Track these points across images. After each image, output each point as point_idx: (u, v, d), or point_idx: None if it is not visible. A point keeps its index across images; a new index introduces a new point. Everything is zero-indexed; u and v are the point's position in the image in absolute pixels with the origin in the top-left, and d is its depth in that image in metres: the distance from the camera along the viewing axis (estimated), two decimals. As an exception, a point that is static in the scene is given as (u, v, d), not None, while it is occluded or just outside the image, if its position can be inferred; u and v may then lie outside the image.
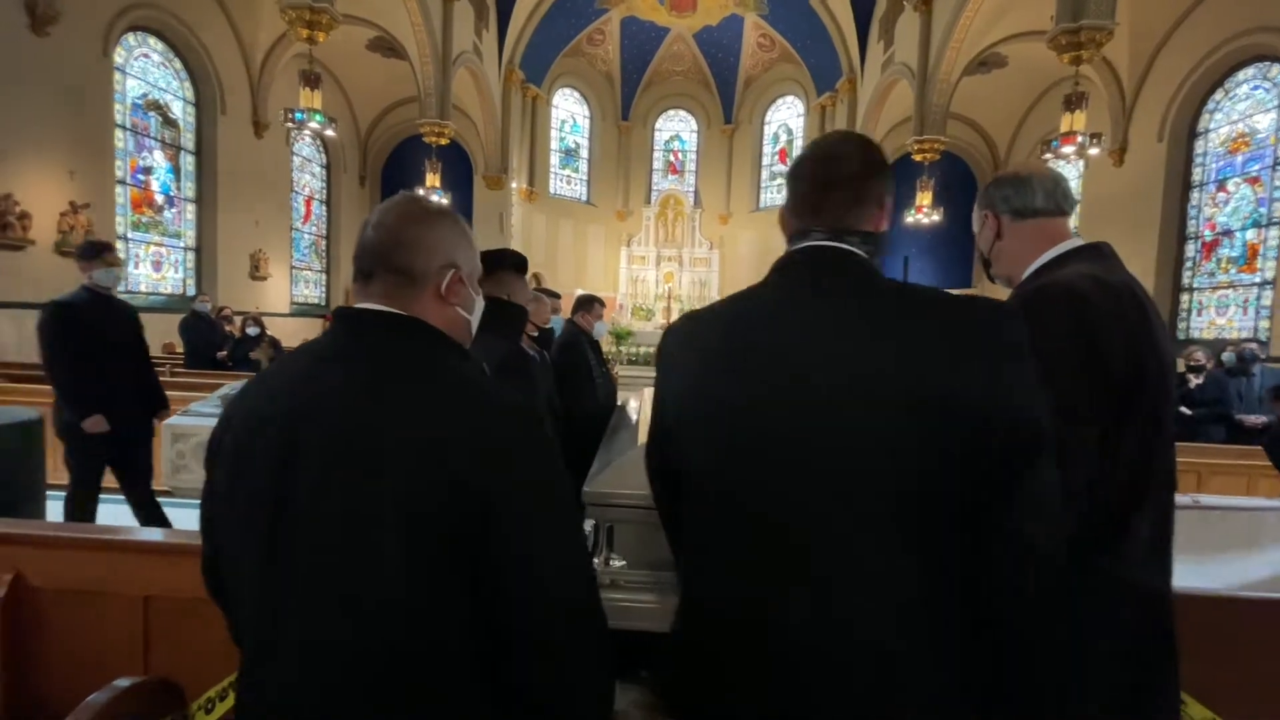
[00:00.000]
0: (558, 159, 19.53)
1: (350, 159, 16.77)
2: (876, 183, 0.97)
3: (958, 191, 16.29)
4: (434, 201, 0.99)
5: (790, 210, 1.02)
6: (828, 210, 0.97)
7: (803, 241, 0.97)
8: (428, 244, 0.90)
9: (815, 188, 0.98)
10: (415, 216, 0.90)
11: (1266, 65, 9.97)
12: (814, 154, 1.01)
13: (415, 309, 0.89)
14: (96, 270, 3.48)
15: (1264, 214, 10.00)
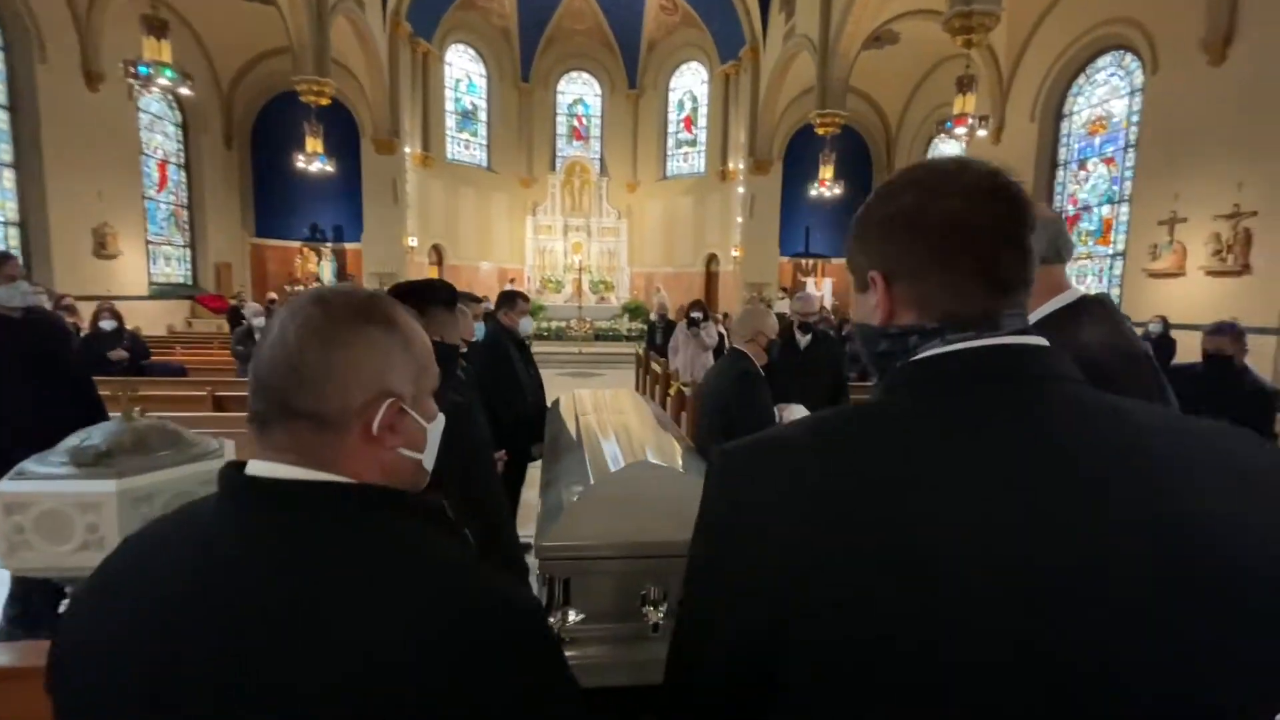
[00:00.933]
0: (454, 121, 18.30)
1: (212, 117, 14.78)
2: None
3: (855, 165, 16.96)
4: (356, 294, 0.68)
5: (910, 274, 0.64)
6: (1014, 285, 0.62)
7: (979, 338, 0.61)
8: (343, 372, 0.63)
9: (996, 244, 0.61)
10: (322, 332, 0.63)
11: (1121, 54, 10.98)
12: (973, 183, 0.62)
13: (339, 464, 0.63)
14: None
15: (1117, 191, 11.16)
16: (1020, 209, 0.61)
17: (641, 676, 1.89)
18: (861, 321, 0.71)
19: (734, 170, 17.57)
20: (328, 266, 16.12)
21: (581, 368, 12.92)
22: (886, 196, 0.67)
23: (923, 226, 0.62)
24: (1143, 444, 0.55)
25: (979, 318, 0.61)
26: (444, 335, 1.74)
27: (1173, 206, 9.58)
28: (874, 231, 0.67)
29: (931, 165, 0.66)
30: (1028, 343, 0.61)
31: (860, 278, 0.70)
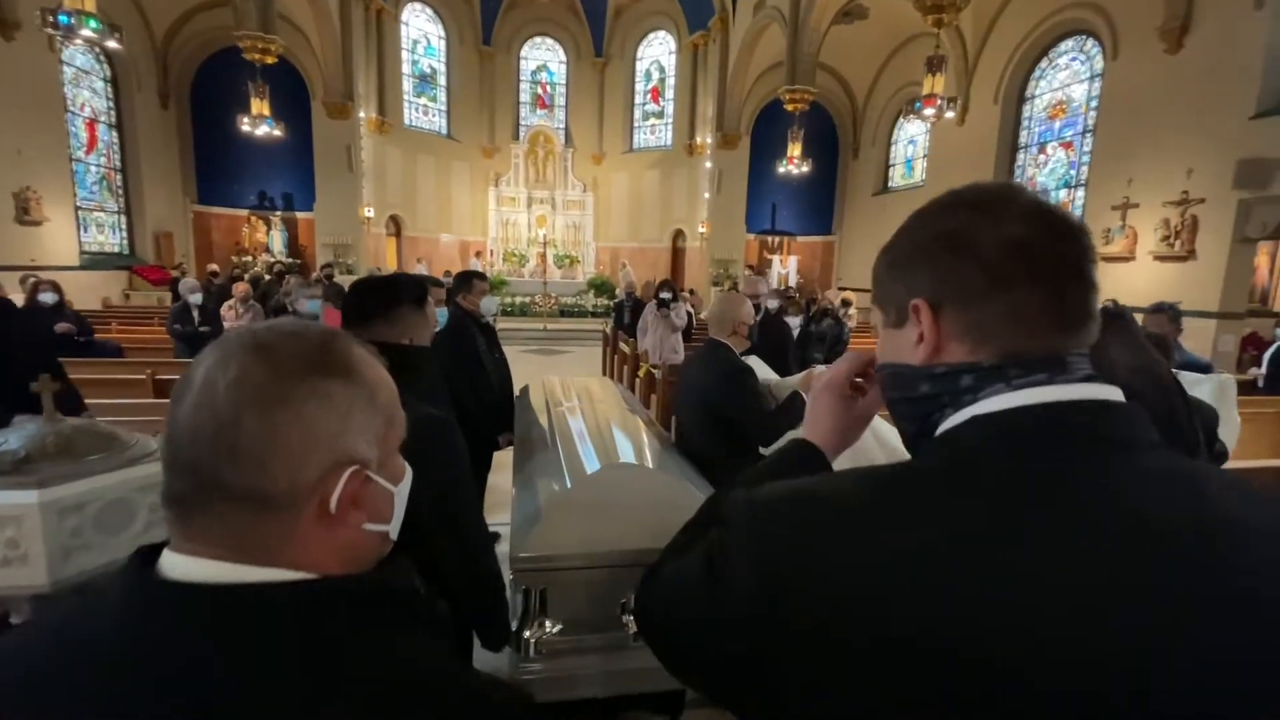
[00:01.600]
0: (411, 85, 17.49)
1: (146, 74, 13.73)
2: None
3: (821, 142, 16.95)
4: (306, 337, 0.54)
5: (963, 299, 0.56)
6: (1081, 322, 0.55)
7: (1050, 383, 0.54)
8: (294, 442, 0.50)
9: (1062, 273, 0.54)
10: (265, 392, 0.49)
11: (1083, 39, 11.13)
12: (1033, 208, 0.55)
13: (285, 553, 0.51)
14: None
15: (1074, 176, 11.42)
16: (1086, 239, 0.56)
17: (622, 686, 1.84)
18: (894, 362, 0.62)
19: (701, 145, 17.35)
20: (278, 236, 15.36)
21: (547, 344, 12.72)
22: (931, 216, 0.60)
23: (980, 246, 0.55)
24: (1222, 518, 0.50)
25: (1046, 357, 0.54)
26: (414, 337, 1.59)
27: (1126, 192, 9.86)
28: (917, 254, 0.59)
29: (980, 187, 0.59)
30: (1108, 399, 0.54)
31: (894, 310, 0.61)
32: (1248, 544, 0.49)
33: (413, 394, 1.48)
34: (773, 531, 0.55)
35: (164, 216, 14.36)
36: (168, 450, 0.50)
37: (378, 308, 1.56)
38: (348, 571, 0.54)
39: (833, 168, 18.22)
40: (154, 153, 13.98)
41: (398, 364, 1.56)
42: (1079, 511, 0.49)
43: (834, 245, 18.89)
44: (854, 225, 18.27)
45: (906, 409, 0.63)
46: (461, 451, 1.46)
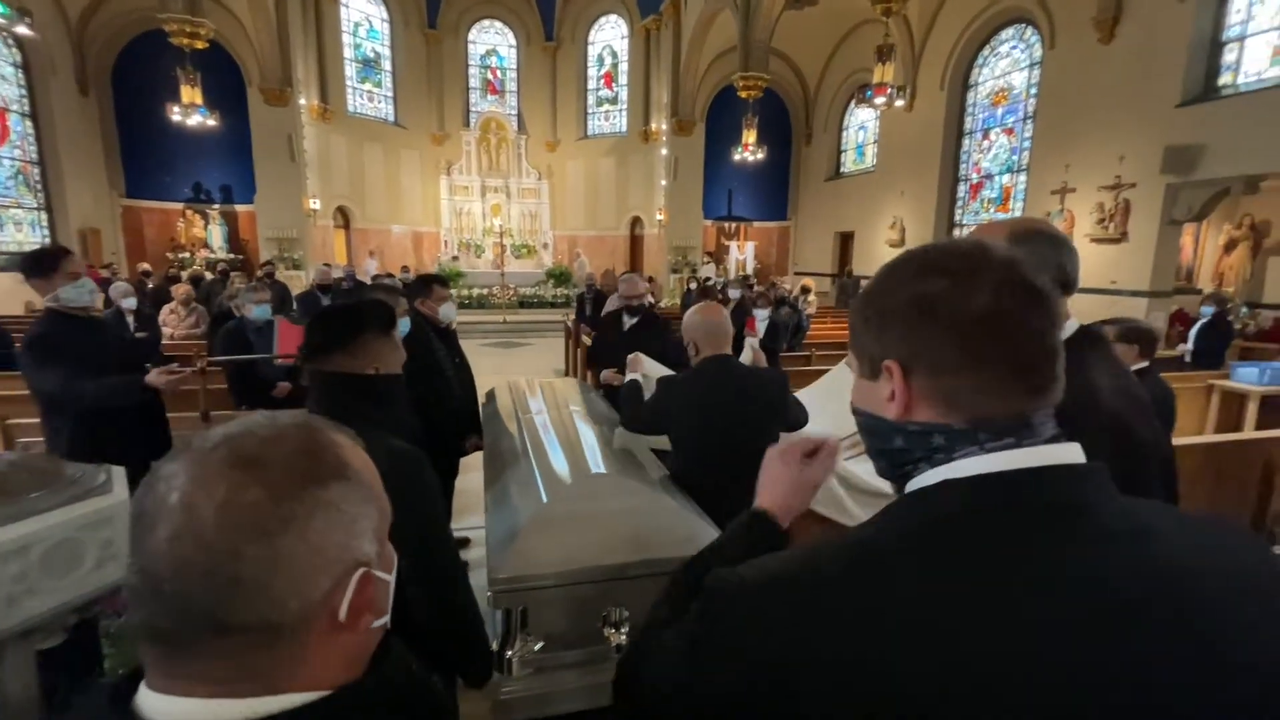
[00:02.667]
0: (354, 70, 16.79)
1: (60, 58, 12.77)
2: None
3: (775, 127, 17.09)
4: (291, 440, 0.51)
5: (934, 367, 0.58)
6: (1046, 387, 0.58)
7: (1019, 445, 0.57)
8: (303, 562, 0.47)
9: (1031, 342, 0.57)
10: (265, 517, 0.46)
11: (1023, 27, 11.50)
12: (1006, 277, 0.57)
13: (295, 676, 0.48)
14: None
15: (1016, 161, 11.85)
16: (1052, 307, 0.58)
17: (605, 699, 1.85)
18: (869, 412, 0.65)
19: (656, 131, 17.26)
20: (217, 231, 14.61)
21: (507, 337, 12.53)
22: (906, 278, 0.60)
23: (955, 317, 0.56)
24: (1180, 573, 0.53)
25: (1013, 421, 0.57)
26: (380, 365, 1.52)
27: (1064, 177, 10.29)
28: (891, 316, 0.60)
29: (953, 250, 0.61)
30: (1074, 463, 0.57)
31: (869, 364, 0.64)
32: (1209, 600, 0.52)
33: (380, 426, 1.43)
34: (754, 627, 0.56)
35: (89, 212, 13.46)
36: (142, 583, 0.45)
37: (339, 340, 1.48)
38: (352, 674, 0.52)
39: (786, 154, 18.42)
40: (75, 144, 13.05)
41: (363, 396, 1.51)
42: (1048, 588, 0.51)
43: (790, 230, 19.16)
44: (809, 210, 18.56)
45: (882, 457, 0.65)
46: (432, 485, 1.42)
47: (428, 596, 1.38)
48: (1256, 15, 8.22)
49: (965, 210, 13.17)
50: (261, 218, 14.41)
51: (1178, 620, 0.50)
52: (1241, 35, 8.35)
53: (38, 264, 2.64)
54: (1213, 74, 8.60)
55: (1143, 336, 2.73)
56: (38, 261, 2.65)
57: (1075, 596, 0.50)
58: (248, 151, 14.07)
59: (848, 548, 0.58)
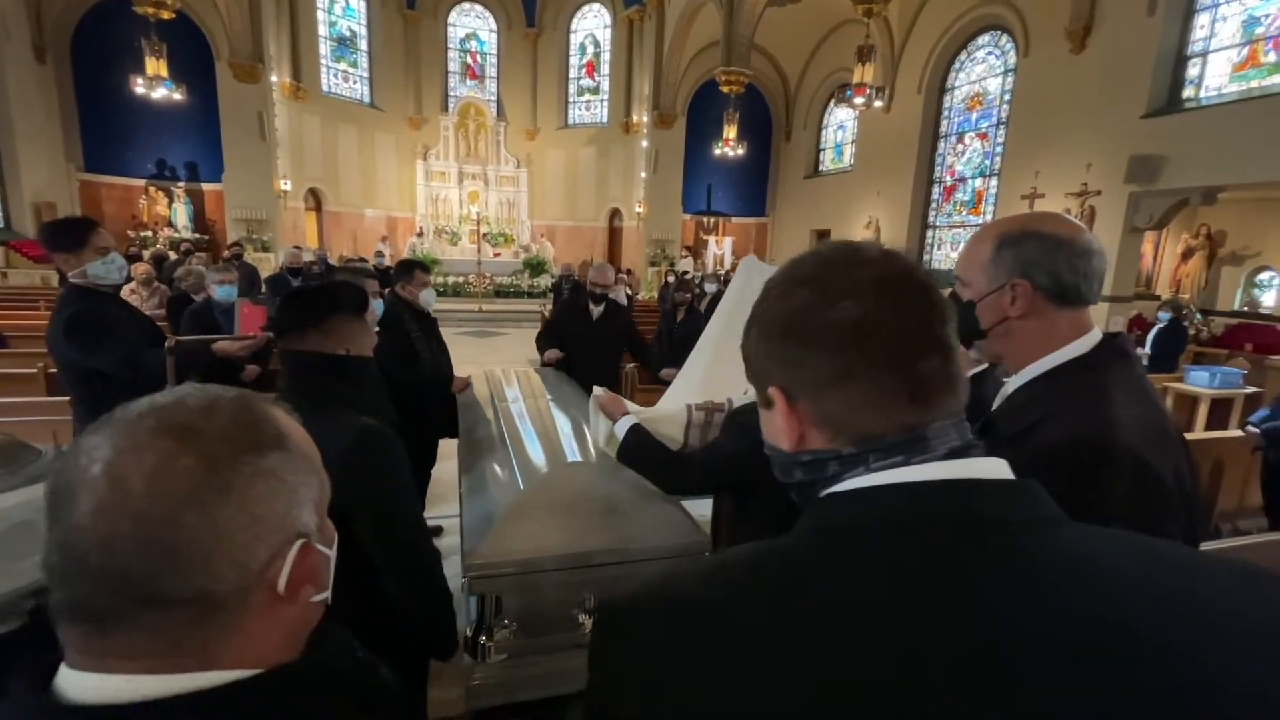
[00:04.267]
0: (329, 49, 16.36)
1: (15, 23, 12.18)
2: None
3: (756, 123, 17.17)
4: (226, 407, 0.48)
5: (812, 391, 0.53)
6: (939, 391, 0.52)
7: (907, 464, 0.51)
8: (242, 531, 0.46)
9: (909, 346, 0.51)
10: (203, 486, 0.44)
11: (999, 34, 11.72)
12: (872, 277, 0.53)
13: (230, 649, 0.46)
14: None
15: (989, 165, 12.11)
16: (932, 296, 0.52)
17: (578, 683, 1.87)
18: (771, 444, 0.60)
19: (637, 123, 17.19)
20: (181, 209, 14.14)
21: (482, 326, 12.41)
22: (777, 294, 0.56)
23: (819, 333, 0.52)
24: (1117, 615, 0.43)
25: (902, 437, 0.51)
26: (352, 346, 1.51)
27: (1034, 182, 10.54)
28: (768, 339, 0.56)
29: (821, 255, 0.56)
30: (979, 477, 0.50)
31: (761, 392, 0.58)
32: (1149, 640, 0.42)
33: (352, 406, 1.42)
34: (628, 639, 0.50)
35: (44, 185, 12.90)
36: (62, 559, 0.42)
37: (311, 318, 1.48)
38: (290, 653, 0.51)
39: (766, 150, 18.53)
40: (29, 113, 12.48)
41: (334, 375, 1.50)
42: (925, 609, 0.44)
43: (768, 227, 19.30)
44: (787, 207, 18.71)
45: (793, 490, 0.60)
46: (401, 462, 1.42)
47: (390, 568, 1.38)
48: (1219, 32, 8.51)
49: (939, 212, 13.43)
50: (229, 197, 13.99)
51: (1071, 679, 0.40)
52: (1204, 50, 8.64)
53: (64, 236, 2.41)
54: (1177, 87, 8.89)
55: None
56: (64, 234, 2.41)
57: (950, 624, 0.43)
58: (215, 128, 13.63)
59: (726, 563, 0.54)
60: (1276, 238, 9.59)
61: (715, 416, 2.02)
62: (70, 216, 2.73)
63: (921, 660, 0.41)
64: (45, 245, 2.51)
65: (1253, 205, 9.52)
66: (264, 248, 13.55)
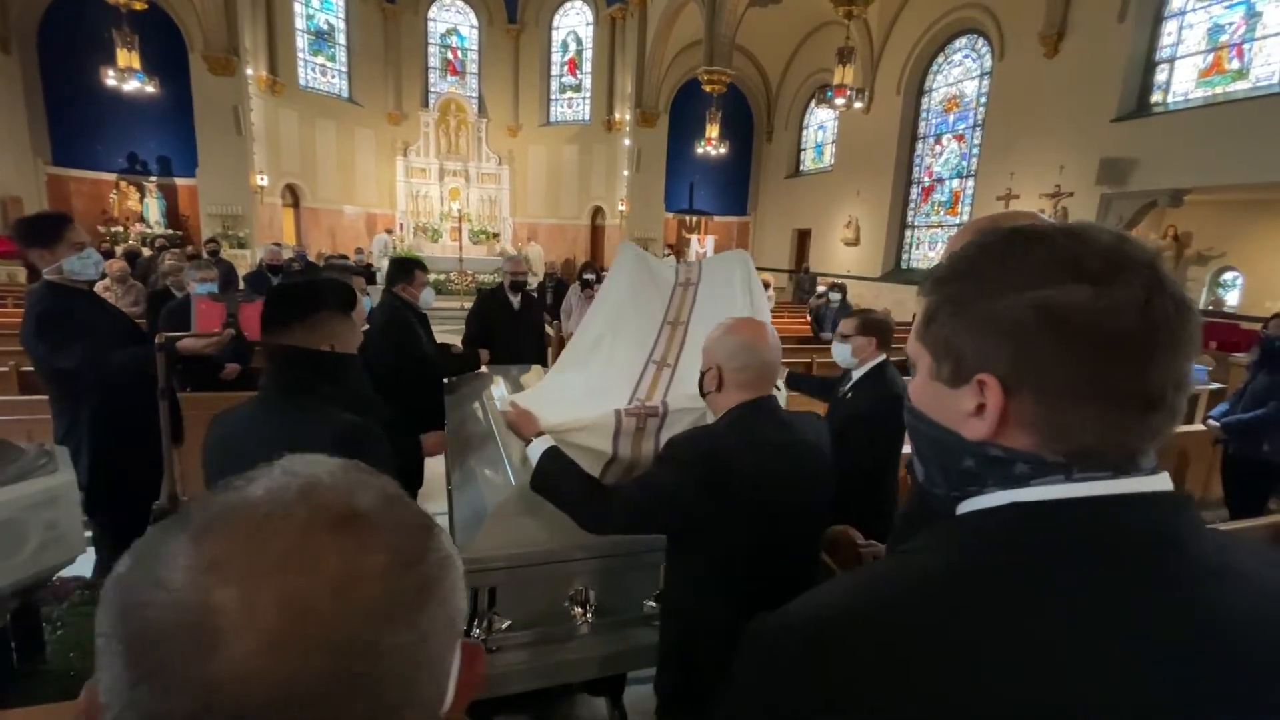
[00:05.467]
0: (306, 42, 16.09)
1: (-22, 10, 11.83)
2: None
3: (737, 122, 17.27)
4: (368, 479, 0.39)
5: (1046, 392, 0.48)
6: (1164, 409, 0.48)
7: (1115, 478, 0.48)
8: (441, 635, 0.37)
9: (1168, 366, 0.47)
10: (394, 585, 0.34)
11: (975, 37, 11.94)
12: (1153, 281, 0.46)
13: None
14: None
15: (965, 166, 12.33)
16: (1197, 320, 0.48)
17: (570, 675, 1.89)
18: (938, 422, 0.54)
19: (620, 121, 17.19)
20: (154, 205, 13.82)
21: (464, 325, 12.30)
22: (1029, 275, 0.48)
23: (1087, 338, 0.46)
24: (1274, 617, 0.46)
25: (1121, 455, 0.48)
26: (337, 343, 1.51)
27: (1009, 184, 10.77)
28: (1001, 319, 0.48)
29: (1089, 240, 0.48)
30: (1161, 490, 0.49)
31: (951, 366, 0.52)
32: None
33: (334, 403, 1.43)
34: (800, 673, 0.49)
35: (10, 179, 12.52)
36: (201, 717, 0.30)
37: (296, 314, 1.49)
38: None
39: (748, 150, 18.65)
40: (-6, 106, 12.13)
41: (317, 372, 1.50)
42: (1137, 628, 0.44)
43: (749, 226, 19.43)
44: (768, 207, 18.85)
45: (940, 473, 0.56)
46: (383, 457, 1.41)
47: None
48: (1186, 39, 8.78)
49: (917, 212, 13.64)
50: (204, 193, 13.71)
51: (1273, 666, 0.44)
52: (1172, 57, 8.91)
53: (39, 232, 2.37)
54: (1146, 92, 9.15)
55: (880, 328, 2.53)
56: (39, 229, 2.38)
57: (1182, 643, 0.43)
58: (189, 122, 13.34)
59: (902, 576, 0.51)
60: (1240, 239, 9.91)
61: (649, 423, 1.79)
62: (45, 212, 2.68)
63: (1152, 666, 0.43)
64: (19, 241, 2.46)
65: (1218, 207, 9.83)
66: (240, 244, 13.31)
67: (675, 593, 1.50)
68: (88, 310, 2.49)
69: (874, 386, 2.48)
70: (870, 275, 13.94)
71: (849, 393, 2.57)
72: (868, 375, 2.52)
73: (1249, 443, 3.57)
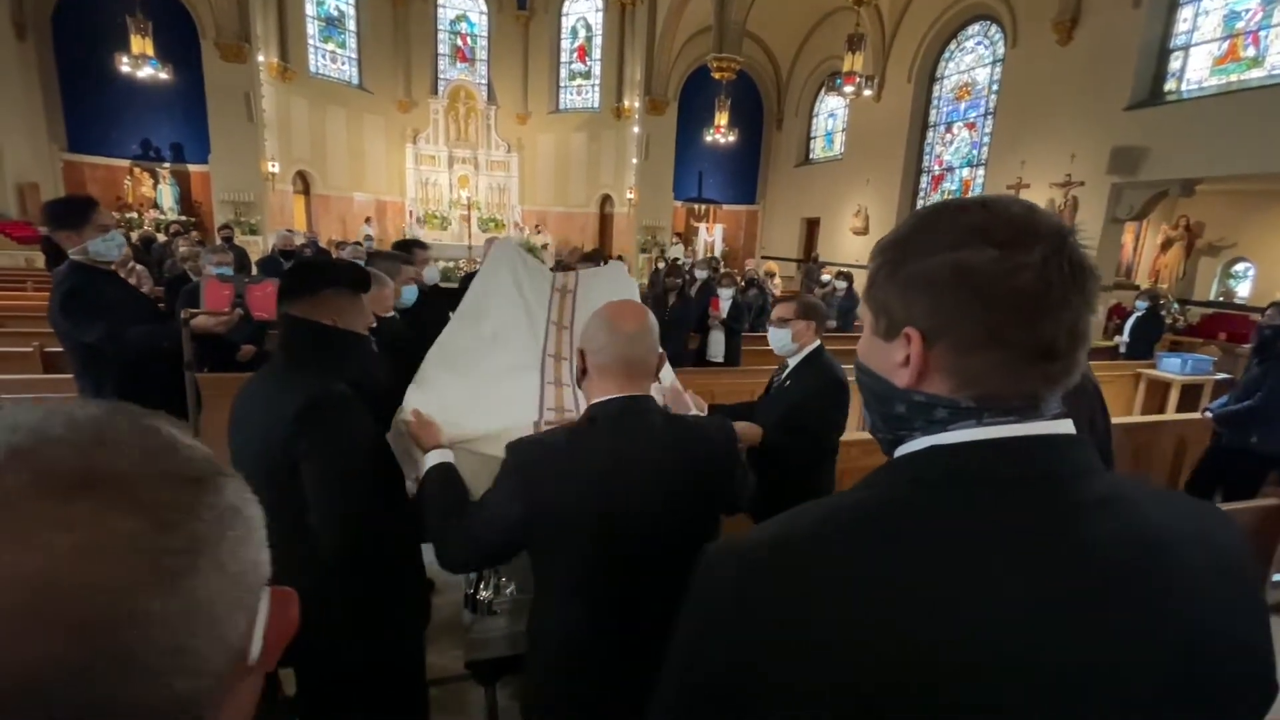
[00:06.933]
0: (317, 29, 16.13)
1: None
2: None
3: (747, 110, 17.18)
4: (111, 426, 0.35)
5: (958, 343, 0.55)
6: (1067, 362, 0.55)
7: (1019, 422, 0.55)
8: (220, 595, 0.36)
9: (1065, 321, 0.54)
10: (148, 547, 0.32)
11: (988, 24, 11.80)
12: (1054, 248, 0.53)
13: None
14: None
15: (976, 155, 12.24)
16: (1094, 283, 0.54)
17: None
18: (875, 373, 0.62)
19: (629, 108, 17.14)
20: (167, 191, 13.98)
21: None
22: (948, 242, 0.55)
23: (990, 294, 0.53)
24: (1154, 543, 0.54)
25: (1024, 400, 0.55)
26: (340, 319, 1.58)
27: (1020, 173, 10.69)
28: (922, 280, 0.56)
29: (1001, 212, 0.55)
30: (1060, 432, 0.56)
31: (885, 323, 0.60)
32: (1190, 574, 0.53)
33: (329, 374, 1.52)
34: (751, 579, 0.55)
35: (27, 165, 12.71)
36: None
37: (305, 286, 1.59)
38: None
39: (757, 138, 18.55)
40: (10, 92, 12.26)
41: (317, 343, 1.60)
42: (1039, 556, 0.51)
43: (758, 214, 19.37)
44: (777, 195, 18.78)
45: (880, 420, 0.64)
46: (351, 426, 1.49)
47: (320, 516, 1.42)
48: (1201, 26, 8.66)
49: (927, 201, 13.57)
50: (216, 179, 13.86)
51: (1162, 591, 0.51)
52: (1187, 44, 8.79)
53: (66, 215, 2.52)
54: (1159, 80, 9.04)
55: (818, 311, 2.47)
56: (67, 212, 2.53)
57: (1066, 565, 0.51)
58: (201, 109, 13.45)
59: (835, 510, 0.58)
60: (1252, 229, 9.82)
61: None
62: (73, 195, 2.82)
63: (1052, 593, 0.49)
64: (48, 223, 2.59)
65: (1230, 197, 9.74)
66: (251, 230, 13.45)
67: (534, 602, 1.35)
68: (110, 289, 2.62)
69: (815, 372, 2.39)
70: (878, 265, 13.89)
71: (788, 380, 2.46)
72: (805, 361, 2.42)
73: (1239, 433, 3.56)
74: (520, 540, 1.25)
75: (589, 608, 1.24)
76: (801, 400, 2.35)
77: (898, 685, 0.48)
